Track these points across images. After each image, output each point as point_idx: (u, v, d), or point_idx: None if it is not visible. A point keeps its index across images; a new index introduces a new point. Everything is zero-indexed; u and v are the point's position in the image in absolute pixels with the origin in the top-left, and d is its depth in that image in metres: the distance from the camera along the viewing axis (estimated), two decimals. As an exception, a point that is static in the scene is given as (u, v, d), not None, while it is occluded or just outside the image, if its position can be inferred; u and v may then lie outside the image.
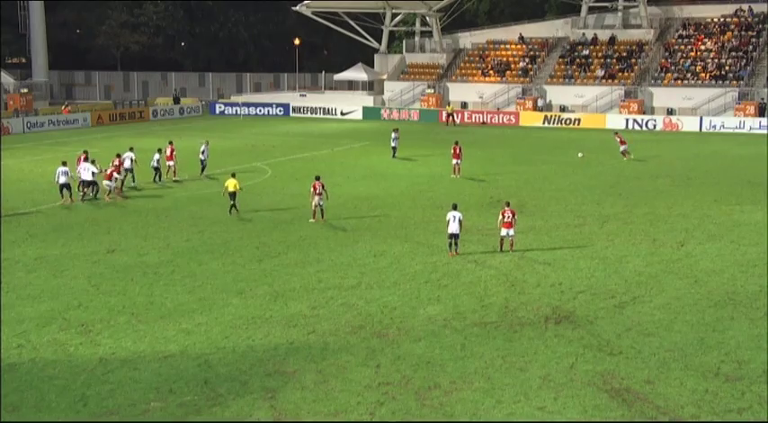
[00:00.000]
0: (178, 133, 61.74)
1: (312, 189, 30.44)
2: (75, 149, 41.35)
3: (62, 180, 34.06)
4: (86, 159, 35.87)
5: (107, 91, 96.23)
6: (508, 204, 26.42)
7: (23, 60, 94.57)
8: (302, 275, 23.45)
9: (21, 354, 17.52)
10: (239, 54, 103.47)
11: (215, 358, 17.35)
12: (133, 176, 38.32)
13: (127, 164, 37.72)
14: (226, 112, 78.51)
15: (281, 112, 77.55)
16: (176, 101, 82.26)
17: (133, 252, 26.13)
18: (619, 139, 47.73)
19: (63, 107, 71.37)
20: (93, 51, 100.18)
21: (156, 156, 39.79)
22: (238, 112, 77.51)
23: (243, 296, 21.54)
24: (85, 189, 35.00)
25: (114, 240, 27.72)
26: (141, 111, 75.02)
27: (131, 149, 39.36)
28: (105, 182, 35.18)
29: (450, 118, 69.38)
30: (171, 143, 41.38)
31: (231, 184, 31.65)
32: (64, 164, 34.63)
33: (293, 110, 77.70)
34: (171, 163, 40.03)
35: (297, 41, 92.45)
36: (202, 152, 41.39)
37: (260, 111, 77.74)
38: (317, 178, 30.81)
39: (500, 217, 25.97)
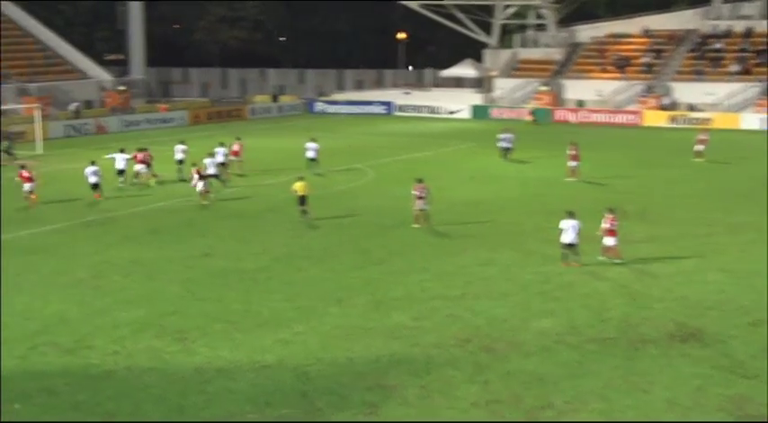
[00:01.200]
0: (277, 132, 62.91)
1: (414, 192, 30.52)
2: (171, 149, 42.75)
3: (92, 180, 36.02)
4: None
5: (204, 88, 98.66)
6: (611, 211, 25.99)
7: (121, 57, 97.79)
8: (405, 284, 23.54)
9: (116, 361, 18.16)
10: (341, 49, 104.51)
11: (313, 370, 17.60)
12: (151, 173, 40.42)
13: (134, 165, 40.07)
14: (326, 110, 79.44)
15: (384, 111, 78.02)
16: (275, 99, 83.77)
17: (229, 257, 26.74)
18: (702, 139, 46.42)
19: (160, 105, 73.62)
20: (191, 47, 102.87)
21: (222, 150, 41.28)
22: (339, 111, 78.38)
23: (343, 305, 21.78)
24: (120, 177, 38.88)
25: (210, 244, 28.44)
26: (239, 109, 76.66)
27: (141, 149, 40.72)
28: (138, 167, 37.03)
29: (534, 117, 69.07)
30: (239, 139, 44.18)
31: (299, 187, 31.87)
32: (93, 163, 36.53)
33: (397, 108, 78.08)
34: (236, 158, 42.52)
35: (401, 36, 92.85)
36: (314, 150, 42.89)
37: (362, 109, 78.42)
38: (419, 181, 30.87)
39: (604, 224, 25.56)
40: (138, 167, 40.17)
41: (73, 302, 21.98)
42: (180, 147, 42.44)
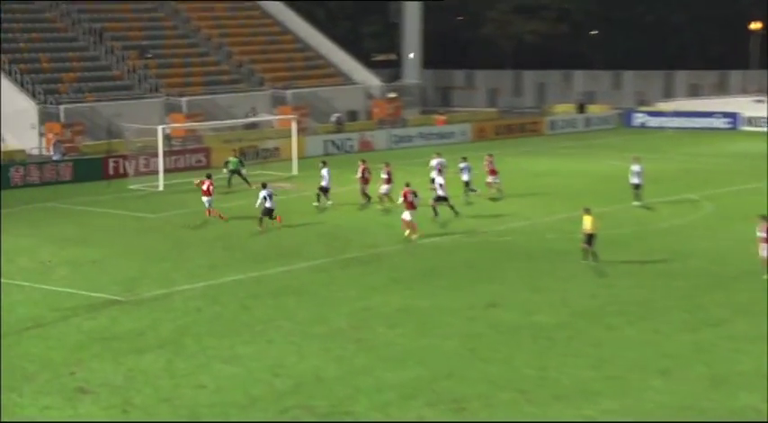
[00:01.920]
0: (583, 152, 62.74)
1: (760, 234, 29.57)
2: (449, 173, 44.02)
3: (268, 205, 37.54)
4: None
5: (492, 95, 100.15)
6: None
7: (392, 57, 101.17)
8: (754, 355, 22.73)
9: (381, 431, 18.80)
10: (670, 45, 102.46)
11: (628, 461, 17.34)
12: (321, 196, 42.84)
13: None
14: (647, 124, 78.31)
15: (728, 125, 75.75)
16: (581, 109, 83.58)
17: (520, 308, 26.96)
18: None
19: (437, 116, 75.53)
20: (477, 44, 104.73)
21: (464, 164, 43.34)
22: (665, 125, 76.94)
23: (668, 377, 21.32)
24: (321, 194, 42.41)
25: (496, 292, 28.79)
26: (535, 121, 77.23)
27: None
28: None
29: None
30: (490, 155, 45.93)
31: (588, 223, 31.60)
32: (264, 186, 38.17)
33: (745, 122, 75.52)
34: (493, 178, 44.37)
35: (755, 26, 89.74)
36: (637, 174, 42.79)
37: (697, 122, 76.50)
38: (765, 218, 29.81)
39: None
40: (384, 188, 41.68)
41: (330, 358, 23.00)
42: (437, 161, 44.20)
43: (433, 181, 41.59)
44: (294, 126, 56.63)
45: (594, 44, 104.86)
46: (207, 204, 39.76)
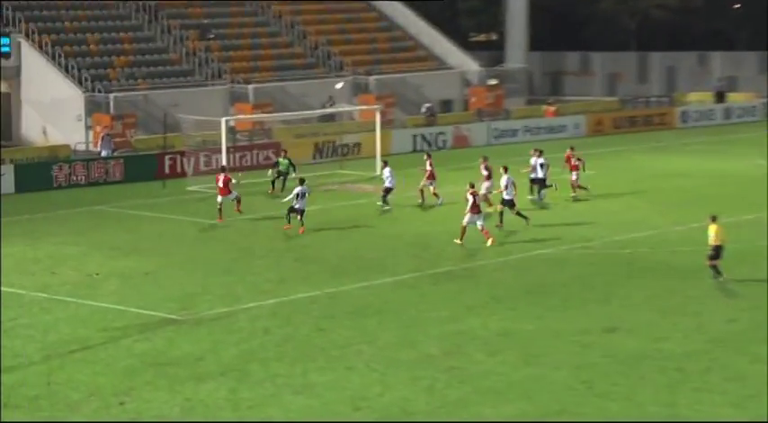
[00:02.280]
0: (722, 149, 62.05)
1: None
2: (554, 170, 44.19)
3: (297, 205, 38.54)
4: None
5: (612, 82, 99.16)
6: None
7: (493, 37, 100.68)
8: None
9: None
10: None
11: None
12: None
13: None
14: (798, 115, 77.23)
15: None
16: (720, 98, 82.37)
17: (644, 334, 26.74)
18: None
19: (546, 107, 75.05)
20: (595, 22, 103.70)
21: (541, 160, 44.36)
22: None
23: (821, 420, 20.99)
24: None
25: (616, 314, 28.64)
26: (663, 113, 76.51)
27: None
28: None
29: None
30: (572, 148, 47.36)
31: (713, 232, 31.47)
32: (302, 182, 39.35)
33: None
34: (575, 175, 45.41)
35: None
36: None
37: None
38: None
39: None
40: (485, 186, 41.82)
41: (419, 388, 22.99)
42: (537, 160, 44.87)
43: (535, 181, 42.12)
44: (378, 118, 56.64)
45: (737, 20, 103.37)
46: (219, 205, 41.25)
